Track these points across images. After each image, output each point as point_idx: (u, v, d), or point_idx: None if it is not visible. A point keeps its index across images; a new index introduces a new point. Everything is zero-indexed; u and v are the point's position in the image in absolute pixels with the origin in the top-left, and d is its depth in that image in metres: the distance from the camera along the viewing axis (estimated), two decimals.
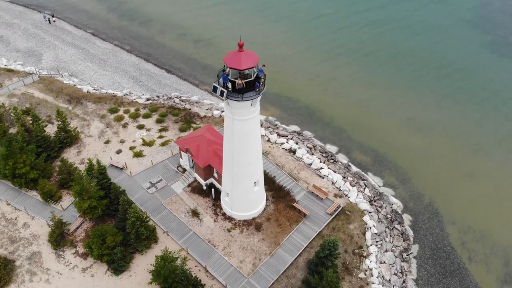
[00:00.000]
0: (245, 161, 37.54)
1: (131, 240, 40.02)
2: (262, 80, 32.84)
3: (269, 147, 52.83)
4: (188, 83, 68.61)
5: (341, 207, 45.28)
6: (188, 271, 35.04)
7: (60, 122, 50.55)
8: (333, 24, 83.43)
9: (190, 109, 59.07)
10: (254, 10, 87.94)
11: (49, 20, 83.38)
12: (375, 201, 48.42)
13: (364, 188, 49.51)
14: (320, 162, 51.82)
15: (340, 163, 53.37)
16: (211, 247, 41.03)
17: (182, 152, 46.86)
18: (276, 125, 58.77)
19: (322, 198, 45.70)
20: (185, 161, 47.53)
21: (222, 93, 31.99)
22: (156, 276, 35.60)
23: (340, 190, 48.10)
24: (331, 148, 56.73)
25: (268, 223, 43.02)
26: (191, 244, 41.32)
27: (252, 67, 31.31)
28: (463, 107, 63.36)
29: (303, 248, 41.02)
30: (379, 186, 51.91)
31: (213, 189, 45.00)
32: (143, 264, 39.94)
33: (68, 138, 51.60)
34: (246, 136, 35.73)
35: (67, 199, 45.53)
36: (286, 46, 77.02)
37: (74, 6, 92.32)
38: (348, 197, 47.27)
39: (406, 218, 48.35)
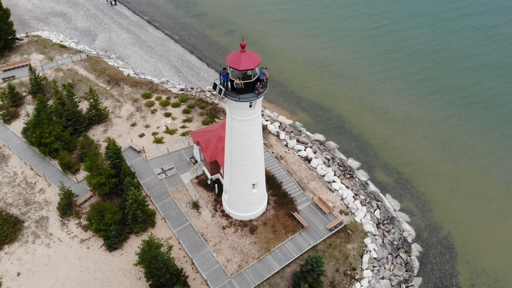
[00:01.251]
0: (242, 162, 37.39)
1: (128, 220, 41.54)
2: (263, 83, 32.40)
3: (285, 152, 52.12)
4: None
5: (343, 225, 43.59)
6: (169, 260, 35.60)
7: (92, 100, 53.58)
8: (386, 38, 79.74)
9: (218, 104, 59.87)
10: (308, 19, 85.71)
11: (111, 3, 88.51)
12: (383, 224, 46.06)
13: (375, 210, 47.25)
14: (335, 175, 50.20)
15: (357, 180, 51.40)
16: (202, 241, 41.42)
17: (195, 144, 47.69)
18: (300, 131, 57.86)
19: (325, 212, 44.31)
20: (196, 153, 48.36)
21: (220, 91, 32.12)
22: (141, 259, 36.68)
23: (347, 207, 46.32)
24: (353, 163, 54.79)
25: (264, 228, 42.52)
26: (185, 234, 42.00)
27: (251, 69, 30.99)
28: (510, 142, 58.09)
29: (293, 259, 40.07)
30: (395, 210, 49.33)
31: (216, 185, 45.34)
32: (135, 245, 41.21)
33: (97, 116, 54.51)
34: (245, 137, 35.52)
35: (84, 173, 48.12)
36: (331, 55, 75.25)
37: None
38: (354, 216, 45.40)
39: (416, 248, 45.52)
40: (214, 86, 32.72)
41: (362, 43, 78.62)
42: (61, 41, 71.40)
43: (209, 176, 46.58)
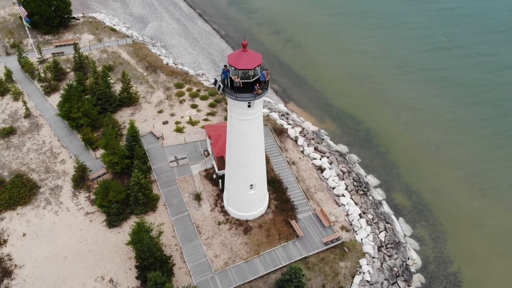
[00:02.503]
0: (240, 161, 37.41)
1: (130, 201, 43.16)
2: (263, 85, 32.18)
3: (299, 158, 51.24)
4: None
5: (340, 241, 42.10)
6: (155, 245, 36.44)
7: (124, 84, 56.16)
8: (440, 62, 74.08)
9: None
10: (359, 35, 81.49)
11: None
12: (386, 248, 43.86)
13: (381, 231, 45.13)
14: (346, 189, 48.58)
15: (370, 198, 49.38)
16: (196, 233, 42.03)
17: (208, 138, 48.42)
18: (323, 139, 56.54)
19: (324, 225, 43.06)
20: (208, 146, 49.05)
21: (219, 87, 32.39)
22: (131, 240, 38.02)
23: (351, 224, 44.68)
24: (371, 180, 52.69)
25: (258, 230, 42.23)
26: (181, 223, 42.84)
27: (249, 69, 30.88)
28: None
29: (280, 266, 39.46)
30: (405, 236, 46.86)
31: (220, 180, 45.68)
32: None
33: (128, 99, 57.02)
34: (243, 137, 35.50)
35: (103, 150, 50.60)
36: (375, 70, 71.77)
37: None
38: (356, 234, 43.69)
39: (418, 279, 42.88)
40: (215, 82, 33.06)
41: (412, 63, 73.29)
42: (113, 25, 75.40)
43: (216, 170, 47.04)
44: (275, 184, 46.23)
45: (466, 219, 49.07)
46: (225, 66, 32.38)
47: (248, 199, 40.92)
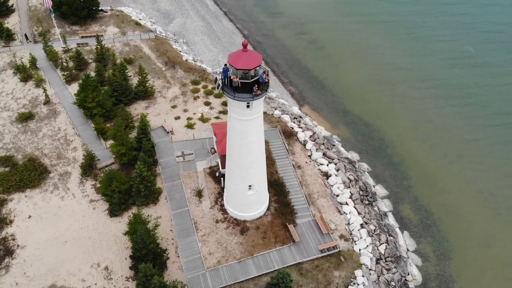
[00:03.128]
0: (239, 161, 37.41)
1: (133, 192, 43.98)
2: (262, 86, 32.03)
3: (306, 162, 50.70)
4: (277, 79, 69.46)
5: (337, 249, 41.37)
6: (149, 237, 36.97)
7: (140, 77, 57.26)
8: (467, 72, 71.56)
9: None
10: (382, 46, 78.62)
11: None
12: (385, 261, 42.76)
13: (382, 244, 44.01)
14: (350, 197, 47.68)
15: (376, 208, 48.28)
16: (193, 229, 42.34)
17: (214, 136, 48.66)
18: (333, 145, 55.69)
19: (322, 232, 42.43)
20: (214, 144, 49.29)
21: (218, 86, 32.53)
22: (128, 230, 38.79)
23: (351, 233, 43.83)
24: (379, 190, 51.54)
25: (255, 232, 42.10)
26: (180, 218, 43.26)
27: (248, 69, 30.81)
28: None
29: (273, 270, 39.15)
30: (408, 250, 45.59)
31: (222, 179, 45.81)
32: None
33: (143, 93, 58.08)
34: (242, 136, 35.50)
35: None
36: (398, 76, 69.96)
37: None
38: (354, 244, 42.83)
39: None
40: (215, 80, 33.20)
41: (437, 77, 70.08)
42: (139, 19, 77.02)
43: (220, 168, 47.22)
44: (277, 187, 45.95)
45: (474, 239, 47.21)
46: (225, 65, 32.47)
47: (247, 199, 40.86)
